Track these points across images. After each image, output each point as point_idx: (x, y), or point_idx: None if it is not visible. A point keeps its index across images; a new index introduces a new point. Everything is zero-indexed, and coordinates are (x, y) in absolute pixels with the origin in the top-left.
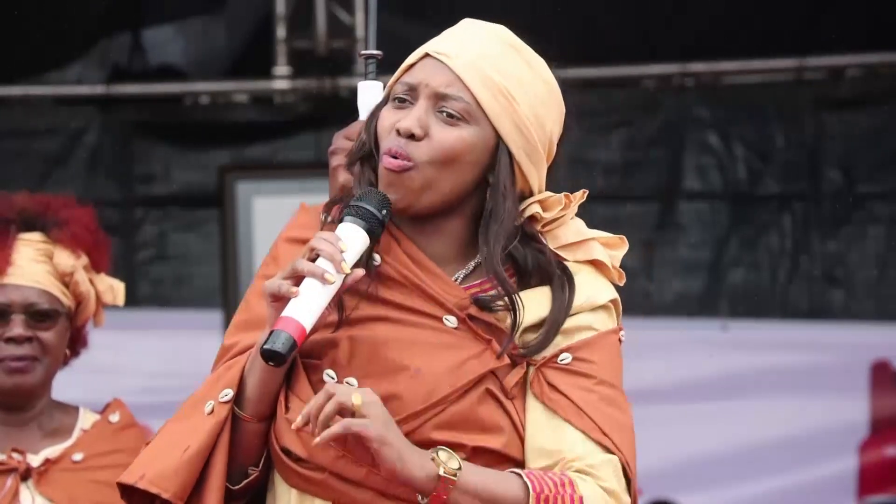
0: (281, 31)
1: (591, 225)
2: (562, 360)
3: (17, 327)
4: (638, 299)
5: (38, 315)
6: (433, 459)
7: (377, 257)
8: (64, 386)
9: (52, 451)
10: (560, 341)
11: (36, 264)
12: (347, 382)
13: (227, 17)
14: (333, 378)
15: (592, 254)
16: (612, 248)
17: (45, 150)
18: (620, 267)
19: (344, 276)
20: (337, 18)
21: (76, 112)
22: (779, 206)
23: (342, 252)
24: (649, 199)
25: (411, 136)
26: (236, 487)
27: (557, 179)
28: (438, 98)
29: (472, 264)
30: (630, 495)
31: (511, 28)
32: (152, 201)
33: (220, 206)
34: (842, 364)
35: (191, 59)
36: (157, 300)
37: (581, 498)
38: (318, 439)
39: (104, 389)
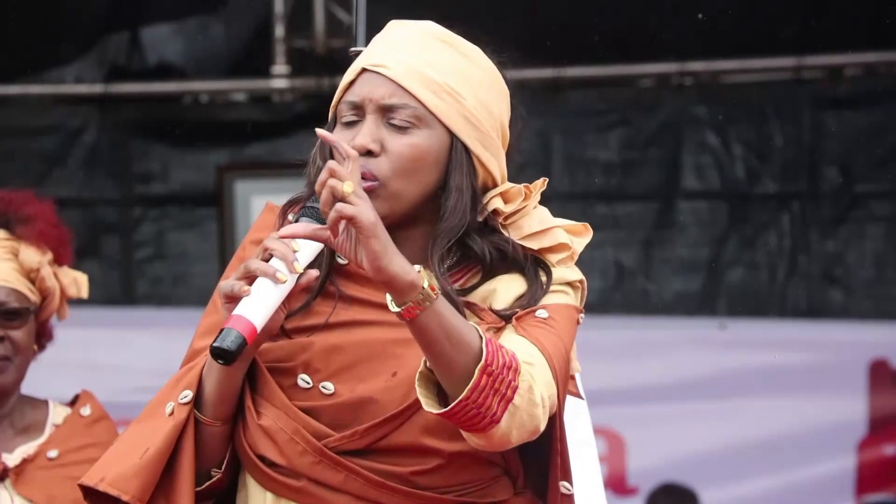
0: (279, 31)
1: (591, 224)
2: (539, 315)
3: None
4: (637, 298)
5: (9, 314)
6: (419, 271)
7: (342, 256)
8: (62, 384)
9: (26, 448)
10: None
11: (2, 262)
12: (323, 387)
13: (225, 16)
14: (309, 383)
15: (557, 238)
16: (575, 236)
17: (43, 148)
18: (619, 264)
19: (297, 276)
20: (335, 17)
21: (75, 111)
22: (777, 206)
23: (295, 252)
24: (648, 199)
25: (369, 153)
26: (199, 489)
27: (553, 176)
28: (385, 110)
29: (446, 262)
30: (557, 405)
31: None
32: (151, 200)
33: (218, 205)
34: (840, 363)
35: (189, 59)
36: (155, 299)
37: (515, 388)
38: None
39: (103, 387)
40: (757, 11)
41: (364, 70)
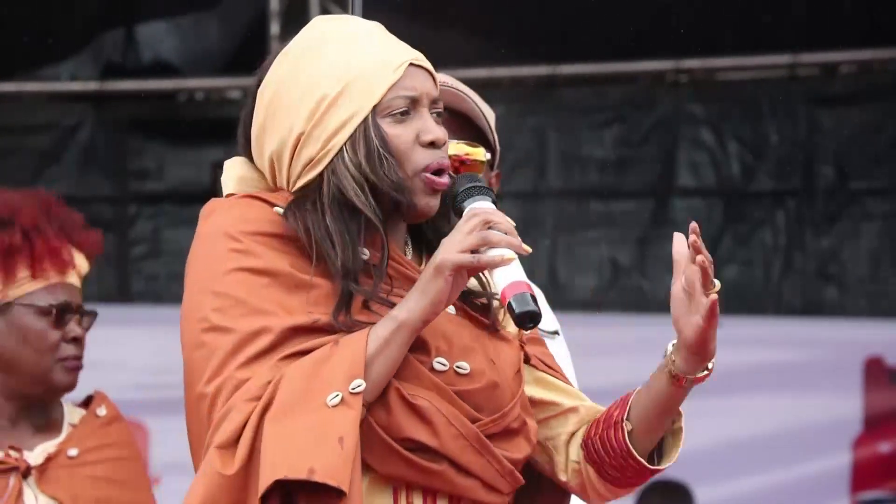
0: (274, 28)
1: (586, 222)
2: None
3: (78, 327)
4: (632, 296)
5: (86, 315)
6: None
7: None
8: None
9: (46, 446)
10: None
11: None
12: (459, 367)
13: (220, 13)
14: (445, 365)
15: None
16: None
17: (38, 146)
18: (614, 261)
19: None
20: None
21: (70, 108)
22: (772, 203)
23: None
24: (643, 196)
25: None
26: None
27: (549, 174)
28: (432, 103)
29: (408, 250)
30: None
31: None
32: (146, 197)
33: None
34: (835, 360)
35: (185, 56)
36: (150, 296)
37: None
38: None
39: (98, 385)
40: (752, 9)
41: (410, 64)
